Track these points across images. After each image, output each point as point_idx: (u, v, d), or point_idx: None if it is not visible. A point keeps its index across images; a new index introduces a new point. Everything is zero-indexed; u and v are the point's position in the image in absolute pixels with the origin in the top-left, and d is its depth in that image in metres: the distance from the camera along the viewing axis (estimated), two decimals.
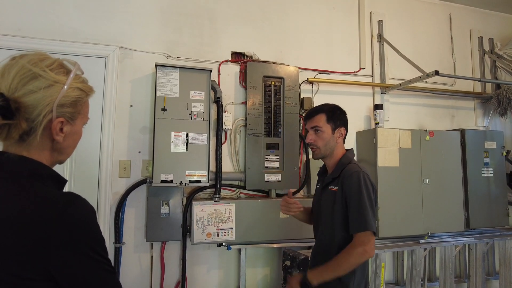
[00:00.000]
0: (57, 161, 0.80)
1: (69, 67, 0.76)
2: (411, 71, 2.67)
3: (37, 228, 0.62)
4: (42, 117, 0.69)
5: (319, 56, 2.78)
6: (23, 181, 0.68)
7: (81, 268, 0.66)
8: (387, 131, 2.57)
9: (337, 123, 1.56)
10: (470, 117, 3.24)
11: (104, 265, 0.70)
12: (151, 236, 2.19)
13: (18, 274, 0.62)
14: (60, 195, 0.69)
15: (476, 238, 2.76)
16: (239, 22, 2.59)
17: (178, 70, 2.23)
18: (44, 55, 0.73)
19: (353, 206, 1.40)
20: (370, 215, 1.37)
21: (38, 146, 0.72)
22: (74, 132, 0.78)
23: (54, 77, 0.70)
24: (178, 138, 2.18)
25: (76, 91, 0.75)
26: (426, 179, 2.63)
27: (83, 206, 0.69)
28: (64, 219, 0.64)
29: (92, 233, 0.69)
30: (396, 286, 2.76)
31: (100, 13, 2.30)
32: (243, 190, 2.46)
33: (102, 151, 2.24)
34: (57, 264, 0.64)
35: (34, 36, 2.16)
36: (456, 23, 3.28)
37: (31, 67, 0.69)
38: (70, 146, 0.80)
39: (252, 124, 2.45)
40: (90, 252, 0.67)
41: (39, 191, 0.68)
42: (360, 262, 1.37)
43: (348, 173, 1.45)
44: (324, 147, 1.55)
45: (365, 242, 1.35)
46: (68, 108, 0.74)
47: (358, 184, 1.40)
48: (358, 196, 1.39)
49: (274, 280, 2.50)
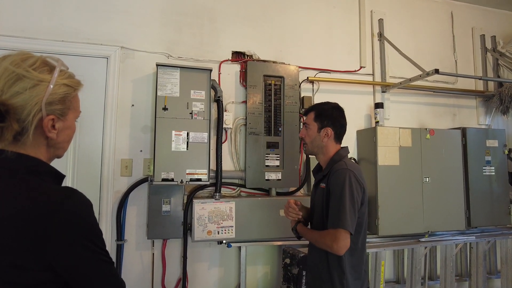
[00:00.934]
0: (54, 156, 0.82)
1: (53, 64, 0.76)
2: (412, 69, 2.67)
3: (36, 221, 0.65)
4: (32, 117, 0.70)
5: (319, 55, 2.78)
6: (21, 177, 0.71)
7: (79, 259, 0.69)
8: (387, 130, 2.57)
9: (324, 122, 1.58)
10: (472, 115, 3.23)
11: (101, 256, 0.73)
12: (152, 234, 2.22)
13: (21, 265, 0.65)
14: (57, 190, 0.72)
15: (477, 237, 2.75)
16: (239, 22, 2.61)
17: (178, 69, 2.25)
18: (26, 55, 0.73)
19: (333, 203, 1.42)
20: (348, 215, 1.37)
21: (33, 144, 0.74)
22: (66, 127, 0.79)
23: (38, 76, 0.71)
24: (179, 137, 2.21)
25: (63, 88, 0.76)
26: (426, 178, 2.63)
27: (79, 199, 0.71)
28: (60, 212, 0.67)
29: (89, 225, 0.71)
30: (396, 284, 2.77)
31: (101, 14, 2.33)
32: (244, 188, 2.48)
33: (104, 150, 2.28)
34: (56, 256, 0.66)
35: (37, 37, 2.19)
36: (458, 21, 3.27)
37: (14, 69, 0.69)
38: (65, 141, 0.81)
39: (252, 123, 2.47)
40: (87, 243, 0.70)
41: (36, 187, 0.70)
42: (327, 250, 1.41)
43: (334, 170, 1.47)
44: (311, 144, 1.61)
45: (335, 239, 1.36)
46: (57, 105, 0.75)
47: (343, 182, 1.41)
48: (340, 194, 1.40)
49: (274, 278, 2.52)
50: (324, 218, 1.48)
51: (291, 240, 2.38)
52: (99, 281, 0.73)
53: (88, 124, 2.26)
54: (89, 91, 2.26)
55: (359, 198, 1.43)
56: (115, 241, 2.22)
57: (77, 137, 2.24)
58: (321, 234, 1.46)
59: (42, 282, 0.67)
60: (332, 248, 1.37)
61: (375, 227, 2.47)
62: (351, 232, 1.37)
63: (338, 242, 1.35)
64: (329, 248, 1.39)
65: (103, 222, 2.21)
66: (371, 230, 2.53)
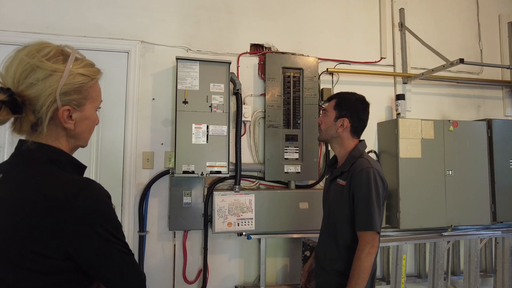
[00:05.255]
0: (76, 147, 0.82)
1: (68, 53, 0.74)
2: (434, 60, 2.59)
3: (54, 210, 0.66)
4: (47, 108, 0.70)
5: (338, 46, 2.74)
6: (42, 166, 0.72)
7: (95, 248, 0.70)
8: (409, 122, 2.52)
9: (343, 112, 1.52)
10: (498, 106, 3.11)
11: (118, 246, 0.72)
12: (173, 225, 2.26)
13: (40, 252, 0.65)
14: (75, 180, 0.72)
15: (504, 232, 2.67)
16: (256, 14, 2.59)
17: (198, 63, 2.27)
18: (42, 45, 0.72)
19: (360, 204, 1.38)
20: (377, 215, 1.36)
21: (52, 134, 0.74)
22: (85, 117, 0.78)
23: (51, 67, 0.70)
24: (199, 130, 2.23)
25: (79, 77, 0.73)
26: (449, 171, 2.56)
27: (96, 190, 0.71)
28: (78, 202, 0.67)
29: (105, 215, 0.71)
30: (417, 278, 2.72)
31: (122, 10, 2.36)
32: (262, 181, 2.48)
33: (126, 143, 2.32)
34: (72, 244, 0.67)
35: (61, 33, 2.25)
36: (484, 8, 3.14)
37: (29, 59, 0.69)
38: (84, 131, 0.80)
39: (271, 115, 2.46)
40: (103, 233, 0.70)
41: (56, 176, 0.71)
42: (372, 261, 1.35)
43: (358, 168, 1.42)
44: (325, 132, 1.58)
45: (371, 241, 1.35)
46: (73, 95, 0.73)
47: (368, 181, 1.38)
48: (367, 194, 1.37)
49: (293, 270, 2.53)
50: (340, 214, 1.45)
51: (311, 233, 2.37)
52: (117, 271, 0.73)
53: (110, 118, 2.31)
54: (111, 85, 2.30)
55: (383, 196, 1.42)
56: (137, 232, 2.27)
57: (99, 130, 2.29)
58: (355, 262, 1.35)
59: (63, 271, 0.68)
60: (373, 253, 1.35)
61: (396, 221, 2.43)
62: (379, 232, 1.38)
63: (374, 245, 1.35)
64: (371, 256, 1.34)
65: (126, 214, 2.26)
66: (392, 223, 2.49)
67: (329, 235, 1.51)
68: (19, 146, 0.74)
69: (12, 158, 0.75)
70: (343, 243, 1.43)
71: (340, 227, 1.45)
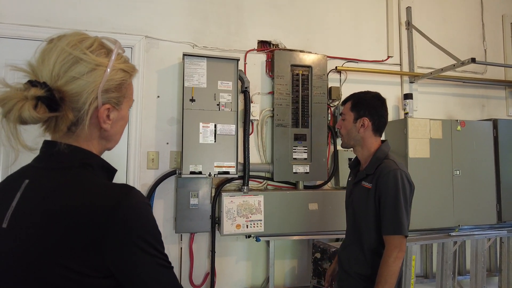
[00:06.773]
0: (104, 149, 0.75)
1: (109, 47, 0.68)
2: (441, 59, 2.58)
3: (91, 220, 0.58)
4: (88, 106, 0.63)
5: (346, 44, 2.70)
6: (75, 171, 0.64)
7: (136, 263, 0.62)
8: (417, 121, 2.49)
9: (361, 112, 1.46)
10: (502, 106, 3.12)
11: (159, 260, 0.65)
12: (180, 228, 2.18)
13: (76, 270, 0.57)
14: (114, 187, 0.64)
15: (509, 231, 2.68)
16: (265, 10, 2.53)
17: (205, 59, 2.19)
18: (82, 35, 0.66)
19: (388, 207, 1.33)
20: (405, 218, 1.32)
21: (86, 136, 0.67)
22: (121, 117, 0.72)
23: (96, 60, 0.63)
24: (206, 129, 2.16)
25: (120, 73, 0.68)
26: (457, 171, 2.55)
27: (137, 198, 0.64)
28: (118, 212, 0.60)
29: (147, 226, 0.64)
30: (424, 279, 2.71)
31: (126, 3, 2.26)
32: (270, 181, 2.43)
33: (130, 143, 2.23)
34: (112, 258, 0.59)
35: (62, 26, 2.14)
36: (488, 8, 3.14)
37: (71, 51, 0.62)
38: (117, 132, 0.74)
39: (279, 114, 2.40)
40: (145, 246, 0.62)
41: (91, 182, 0.64)
42: (399, 266, 1.31)
43: (385, 171, 1.36)
44: (347, 136, 1.50)
45: (398, 246, 1.30)
46: (113, 92, 0.67)
47: (395, 184, 1.33)
48: (395, 197, 1.32)
49: (302, 272, 2.48)
50: (366, 217, 1.41)
51: (320, 234, 2.33)
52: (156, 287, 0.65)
53: None
54: None
55: (411, 198, 1.38)
56: None
57: None
58: (382, 267, 1.31)
59: None
60: (400, 257, 1.31)
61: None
62: (407, 236, 1.33)
63: (401, 250, 1.30)
64: (399, 260, 1.30)
65: None
66: None
67: (354, 239, 1.47)
68: (47, 149, 0.66)
69: (39, 161, 0.67)
70: (368, 246, 1.39)
71: (366, 230, 1.40)
